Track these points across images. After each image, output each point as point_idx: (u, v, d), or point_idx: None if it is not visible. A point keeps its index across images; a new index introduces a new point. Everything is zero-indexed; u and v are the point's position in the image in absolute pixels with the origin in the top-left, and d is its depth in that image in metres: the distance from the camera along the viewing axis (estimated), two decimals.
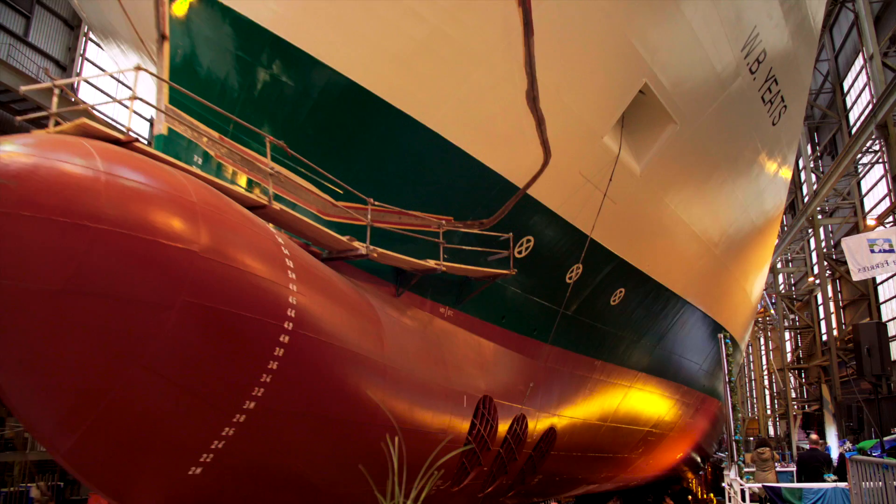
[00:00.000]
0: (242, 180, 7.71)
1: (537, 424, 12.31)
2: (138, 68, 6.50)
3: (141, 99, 6.57)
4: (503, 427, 10.96)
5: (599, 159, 11.27)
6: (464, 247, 9.91)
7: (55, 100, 6.63)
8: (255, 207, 6.80)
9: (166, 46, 7.27)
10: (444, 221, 9.56)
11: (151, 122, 26.90)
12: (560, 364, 13.30)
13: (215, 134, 7.46)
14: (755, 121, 14.13)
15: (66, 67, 23.71)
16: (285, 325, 6.07)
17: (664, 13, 10.69)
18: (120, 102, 8.17)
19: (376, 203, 8.34)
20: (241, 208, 6.37)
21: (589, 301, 13.38)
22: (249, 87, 7.85)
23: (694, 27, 11.17)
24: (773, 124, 14.71)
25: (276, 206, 7.00)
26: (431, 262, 9.09)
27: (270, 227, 6.88)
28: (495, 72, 9.32)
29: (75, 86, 23.78)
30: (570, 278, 12.45)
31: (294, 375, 6.24)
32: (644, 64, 10.86)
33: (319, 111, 8.38)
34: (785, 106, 14.77)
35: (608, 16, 9.95)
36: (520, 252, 11.06)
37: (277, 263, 6.20)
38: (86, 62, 24.95)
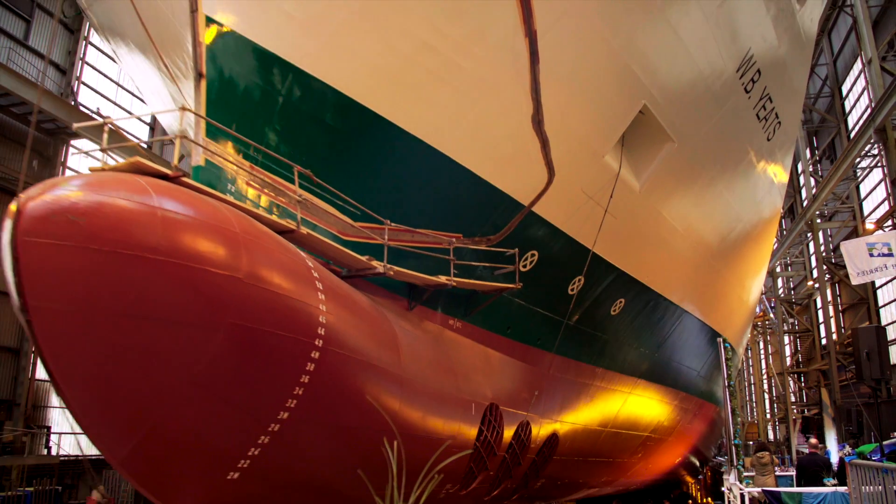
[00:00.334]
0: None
1: (540, 430, 12.73)
2: (183, 109, 7.37)
3: (186, 137, 7.46)
4: (508, 433, 11.40)
5: (601, 177, 11.81)
6: (472, 262, 10.56)
7: (105, 136, 7.46)
8: (285, 232, 7.50)
9: (203, 84, 7.94)
10: (454, 239, 10.19)
11: (152, 126, 26.85)
12: (562, 372, 13.76)
13: (246, 163, 8.12)
14: (750, 136, 14.66)
15: (65, 71, 23.71)
16: (316, 343, 6.69)
17: (662, 38, 11.22)
18: (164, 140, 8.74)
19: (392, 224, 9.09)
20: (275, 235, 7.03)
21: (590, 311, 13.90)
22: (275, 116, 8.48)
23: (691, 50, 11.71)
24: (768, 140, 15.34)
25: (304, 230, 7.68)
26: (443, 278, 9.68)
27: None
28: (503, 98, 9.92)
29: (75, 89, 23.80)
30: (572, 290, 12.95)
31: (323, 388, 6.80)
32: (643, 87, 11.39)
33: (341, 138, 9.03)
34: (779, 122, 15.39)
35: (609, 43, 10.52)
36: (524, 266, 11.56)
37: (309, 286, 6.84)
38: (86, 65, 24.94)
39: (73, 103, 22.78)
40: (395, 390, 8.17)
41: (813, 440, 18.75)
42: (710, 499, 31.91)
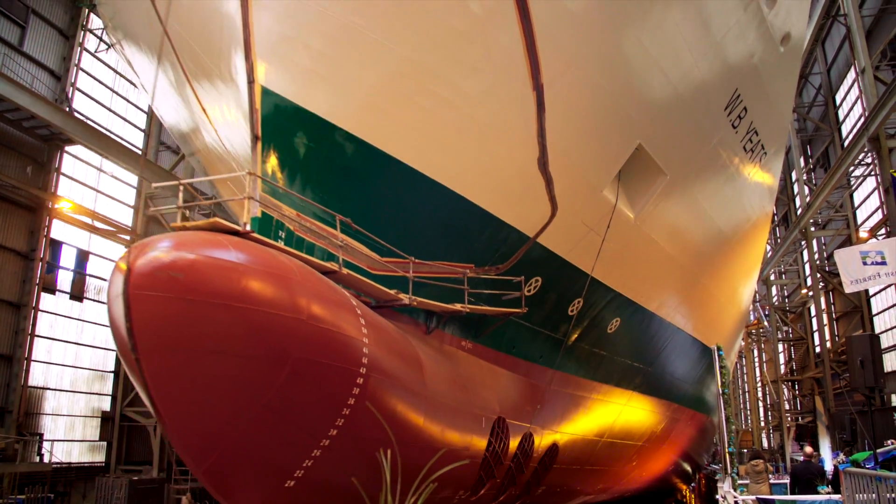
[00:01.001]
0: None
1: (542, 441, 13.83)
2: (250, 173, 8.51)
3: (255, 199, 8.75)
4: (513, 444, 12.52)
5: (599, 209, 12.99)
6: (483, 290, 11.63)
7: (181, 195, 8.58)
8: (329, 273, 8.83)
9: (259, 146, 9.34)
10: (468, 270, 11.44)
11: (147, 132, 26.72)
12: (562, 386, 14.87)
13: (293, 212, 9.49)
14: (738, 167, 15.73)
15: (60, 77, 23.67)
16: (361, 370, 7.90)
17: (659, 87, 12.34)
18: (234, 199, 10.72)
19: (416, 259, 10.42)
20: (325, 279, 8.35)
21: (588, 330, 15.05)
22: (316, 168, 9.88)
23: (684, 95, 12.87)
24: (757, 163, 16.32)
25: (345, 271, 9.00)
26: (458, 306, 11.03)
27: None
28: (512, 143, 11.15)
29: (70, 96, 23.75)
30: (572, 311, 14.12)
31: (365, 408, 7.95)
32: (639, 128, 12.61)
33: (373, 185, 10.42)
34: (765, 153, 16.49)
35: (608, 91, 11.69)
36: (529, 291, 12.66)
37: (354, 322, 8.10)
38: (80, 72, 24.89)
39: (67, 109, 22.73)
40: (421, 407, 9.33)
41: (808, 448, 18.75)
42: None
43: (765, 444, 45.68)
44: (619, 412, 17.75)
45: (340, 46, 9.61)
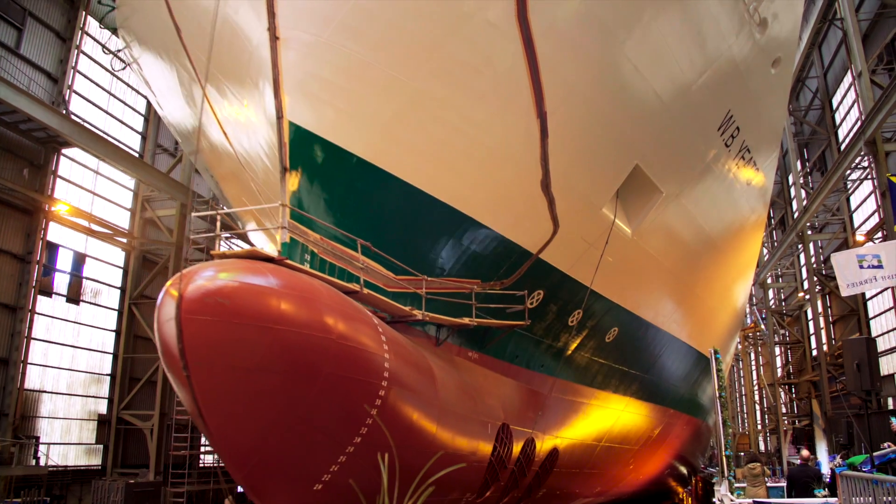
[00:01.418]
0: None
1: (543, 445, 14.49)
2: (283, 204, 9.55)
3: (290, 229, 9.64)
4: (517, 448, 13.18)
5: (598, 226, 13.79)
6: (489, 304, 12.43)
7: (219, 224, 9.69)
8: (351, 292, 9.69)
9: (287, 176, 10.16)
10: (475, 285, 12.35)
11: (144, 135, 26.73)
12: (563, 393, 15.60)
13: (317, 236, 10.28)
14: (730, 183, 16.52)
15: (57, 79, 23.65)
16: (383, 383, 8.68)
17: (655, 110, 13.04)
18: (267, 228, 11.76)
19: (428, 277, 11.29)
20: (351, 301, 9.18)
21: (588, 339, 15.77)
22: (338, 195, 10.68)
23: (679, 118, 13.66)
24: (748, 184, 17.28)
25: (366, 291, 9.91)
26: (466, 320, 11.83)
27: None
28: (517, 167, 11.93)
29: (67, 98, 23.72)
30: (572, 322, 14.89)
31: (386, 417, 8.73)
32: (636, 149, 13.40)
33: (388, 208, 11.19)
34: (757, 168, 17.25)
35: (607, 116, 12.49)
36: (532, 304, 13.41)
37: (377, 339, 8.89)
38: (77, 74, 24.86)
39: (64, 112, 22.69)
40: (434, 415, 10.05)
41: (805, 452, 18.77)
42: None
43: (762, 447, 45.69)
44: (616, 417, 18.33)
45: (360, 82, 10.41)
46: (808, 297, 35.02)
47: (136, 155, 27.26)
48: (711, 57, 13.40)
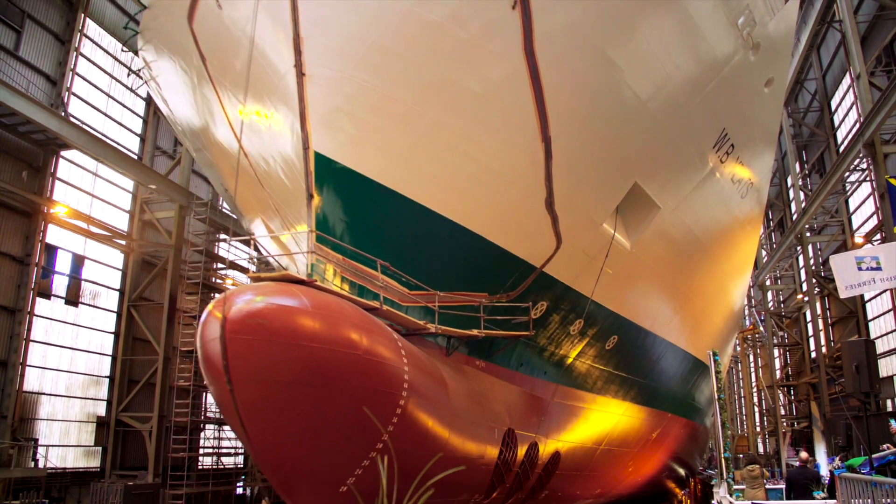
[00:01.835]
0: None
1: (546, 449, 15.08)
2: (312, 231, 10.53)
3: (318, 254, 10.58)
4: (521, 452, 13.80)
5: (598, 241, 14.53)
6: (496, 317, 13.21)
7: (253, 249, 11.86)
8: (372, 309, 10.52)
9: (313, 203, 10.98)
10: (483, 299, 13.11)
11: (143, 137, 26.73)
12: (564, 399, 16.25)
13: (339, 257, 11.09)
14: (725, 197, 17.25)
15: (55, 82, 23.66)
16: (403, 394, 9.51)
17: (654, 132, 13.85)
18: (296, 254, 12.57)
19: (441, 293, 12.15)
20: (372, 317, 10.00)
21: (588, 347, 16.45)
22: (358, 218, 11.53)
23: (676, 138, 14.46)
24: (742, 197, 17.95)
25: (385, 307, 10.80)
26: (475, 332, 12.64)
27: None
28: (523, 187, 12.77)
29: (65, 100, 23.73)
30: (573, 330, 15.62)
31: (405, 424, 9.56)
32: (635, 169, 14.16)
33: (405, 230, 12.04)
34: (752, 183, 17.99)
35: (608, 139, 13.31)
36: (535, 314, 14.20)
37: (398, 353, 9.72)
38: (76, 76, 24.87)
39: (63, 114, 22.70)
40: (446, 421, 10.81)
41: (804, 454, 18.75)
42: None
43: (760, 449, 45.69)
44: (615, 421, 18.92)
45: (379, 114, 11.26)
46: (806, 298, 34.99)
47: (135, 157, 27.26)
48: (707, 79, 13.97)
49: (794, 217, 36.96)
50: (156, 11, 14.39)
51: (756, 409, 47.56)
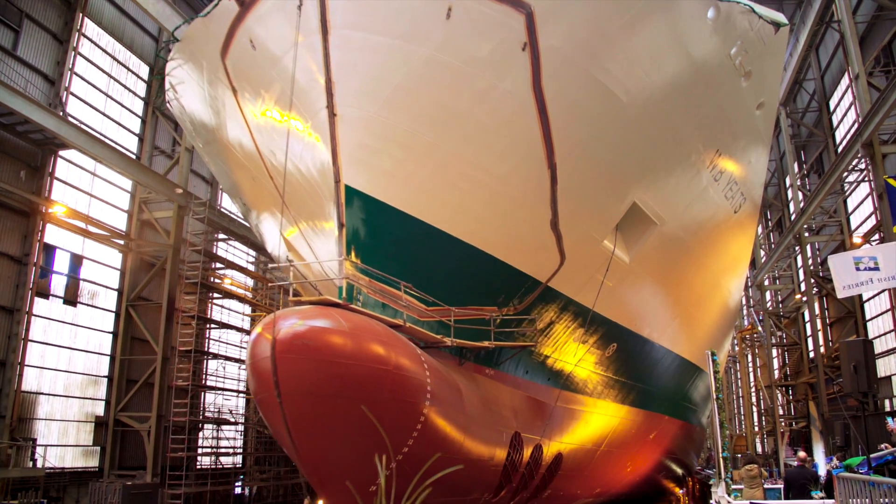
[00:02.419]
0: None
1: (549, 450, 16.05)
2: (344, 258, 11.78)
3: (350, 279, 11.77)
4: (526, 453, 14.78)
5: (599, 256, 15.67)
6: (505, 329, 14.41)
7: (292, 274, 12.79)
8: (397, 326, 11.73)
9: (344, 231, 12.10)
10: (493, 312, 14.16)
11: (141, 137, 26.61)
12: (566, 403, 17.25)
13: (366, 279, 12.15)
14: (718, 212, 18.39)
15: (54, 81, 23.65)
16: (426, 403, 10.75)
17: (653, 156, 15.11)
18: (329, 280, 13.03)
19: (456, 308, 13.28)
20: (399, 335, 11.24)
21: (589, 354, 17.53)
22: (382, 242, 12.59)
23: (673, 160, 15.70)
24: (735, 212, 19.05)
25: (408, 325, 12.01)
26: (486, 343, 13.76)
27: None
28: (530, 209, 13.93)
29: (64, 100, 23.72)
30: (575, 339, 16.76)
31: (427, 429, 10.76)
32: (635, 190, 15.32)
33: (424, 251, 13.19)
34: (745, 198, 19.08)
35: (610, 165, 14.52)
36: (540, 325, 15.45)
37: (421, 366, 10.91)
38: (74, 76, 24.86)
39: (61, 114, 22.69)
40: (462, 426, 11.95)
41: (802, 453, 18.79)
42: None
43: (759, 449, 45.73)
44: (615, 424, 19.93)
45: (402, 148, 12.40)
46: (805, 299, 35.02)
47: (134, 157, 27.24)
48: (702, 105, 15.26)
49: (793, 217, 36.98)
50: (188, 45, 15.09)
51: (754, 408, 47.61)
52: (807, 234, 33.65)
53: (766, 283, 42.76)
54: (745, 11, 14.80)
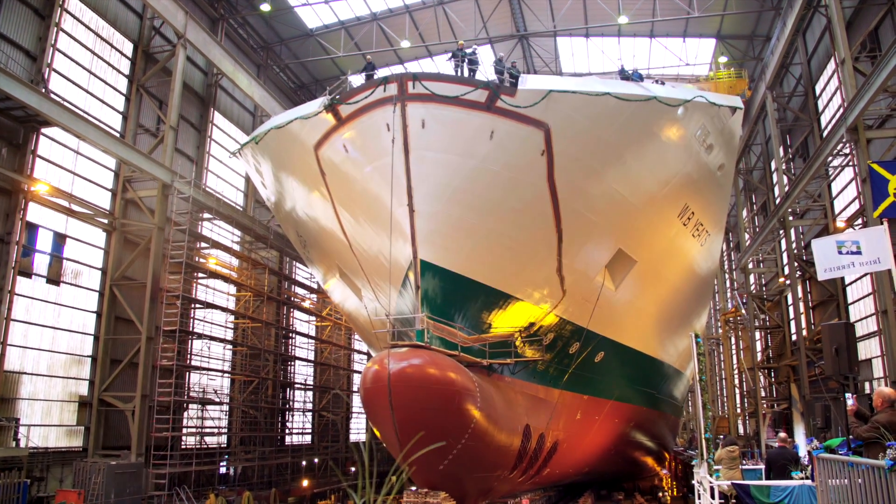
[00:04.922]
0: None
1: (549, 438, 20.14)
2: (422, 314, 16.68)
3: (428, 326, 16.74)
4: (534, 441, 19.09)
5: (592, 288, 20.17)
6: (518, 346, 19.29)
7: (389, 323, 18.09)
8: (454, 356, 16.35)
9: (419, 292, 16.81)
10: (515, 334, 19.16)
11: (125, 115, 26.24)
12: (565, 399, 21.40)
13: (433, 323, 16.73)
14: (687, 247, 22.73)
15: (36, 58, 23.34)
16: (477, 408, 15.60)
17: (634, 215, 19.38)
18: (410, 330, 17.20)
19: (489, 334, 18.42)
20: (457, 364, 15.89)
21: (584, 362, 21.72)
22: (443, 296, 17.20)
23: (650, 215, 19.90)
24: (701, 245, 23.50)
25: (462, 354, 16.92)
26: (509, 360, 18.87)
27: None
28: (542, 260, 18.71)
29: (46, 77, 23.41)
30: (572, 351, 21.11)
31: (477, 426, 15.71)
32: (620, 240, 19.92)
33: (469, 299, 17.86)
34: (709, 234, 23.53)
35: (601, 222, 18.93)
36: (546, 342, 20.06)
37: (472, 383, 15.79)
38: (56, 52, 24.53)
39: (43, 91, 22.40)
40: (493, 422, 16.57)
41: (782, 434, 18.98)
42: (675, 491, 32.13)
43: (741, 430, 46.16)
44: (602, 415, 24.05)
45: (457, 229, 16.95)
46: (788, 282, 35.25)
47: (118, 135, 26.94)
48: (673, 175, 19.62)
49: (777, 201, 37.14)
50: (285, 135, 18.52)
51: (737, 390, 47.98)
52: (791, 218, 33.80)
53: (751, 266, 42.96)
54: (706, 105, 19.16)
